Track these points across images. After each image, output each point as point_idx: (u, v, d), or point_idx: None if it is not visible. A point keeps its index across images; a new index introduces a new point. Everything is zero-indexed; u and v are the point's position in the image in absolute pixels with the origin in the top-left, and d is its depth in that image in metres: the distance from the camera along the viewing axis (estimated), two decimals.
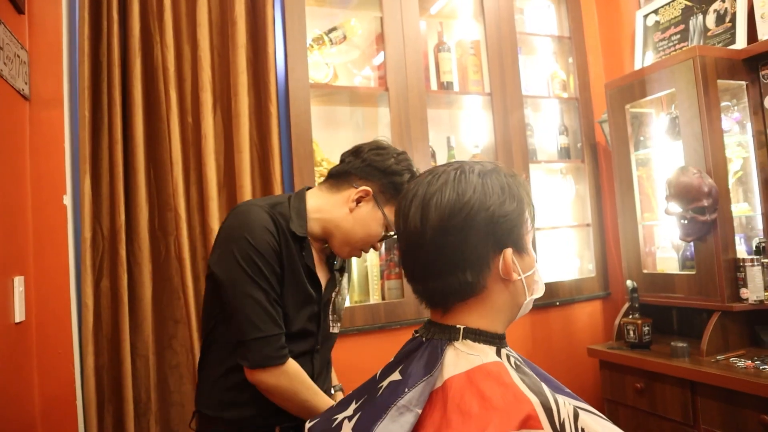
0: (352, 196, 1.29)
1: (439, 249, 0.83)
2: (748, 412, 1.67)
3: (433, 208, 0.83)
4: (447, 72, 2.48)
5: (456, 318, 0.86)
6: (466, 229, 0.81)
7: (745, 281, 1.91)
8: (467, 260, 0.82)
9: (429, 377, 0.80)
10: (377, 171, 1.30)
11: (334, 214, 1.31)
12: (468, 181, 0.84)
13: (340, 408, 0.93)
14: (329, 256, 1.38)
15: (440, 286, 0.84)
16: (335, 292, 1.39)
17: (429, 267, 0.85)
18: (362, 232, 1.29)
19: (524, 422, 0.71)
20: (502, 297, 0.86)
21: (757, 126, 2.06)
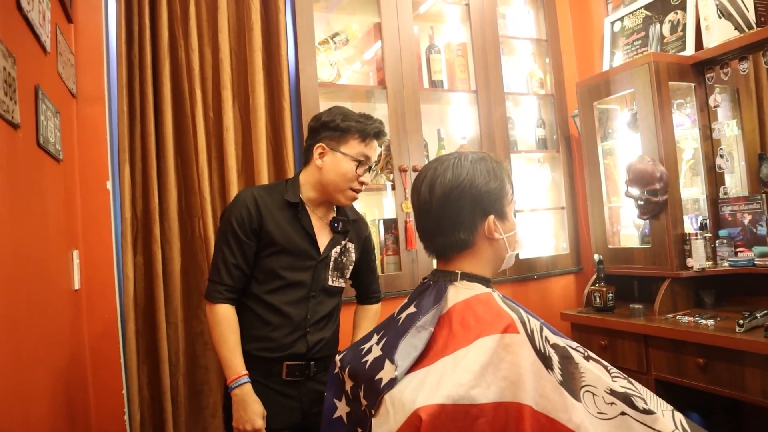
0: (315, 157, 1.66)
1: (442, 215, 1.16)
2: (688, 358, 2.02)
3: (438, 186, 1.17)
4: (437, 71, 2.79)
5: (455, 266, 1.19)
6: (461, 201, 1.15)
7: (691, 252, 2.26)
8: (462, 223, 1.16)
9: (438, 305, 1.13)
10: (318, 130, 1.67)
11: (315, 177, 1.66)
12: (462, 166, 1.18)
13: (365, 341, 1.25)
14: (332, 220, 1.72)
15: (443, 241, 1.18)
16: (338, 252, 1.72)
17: (435, 228, 1.18)
18: (337, 175, 1.63)
19: (506, 329, 1.03)
20: (488, 251, 1.19)
21: (703, 121, 2.40)
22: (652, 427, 1.04)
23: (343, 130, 1.63)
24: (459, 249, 1.18)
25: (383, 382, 1.05)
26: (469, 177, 1.15)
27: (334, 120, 1.64)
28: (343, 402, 1.23)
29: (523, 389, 0.98)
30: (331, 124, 1.64)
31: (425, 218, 1.19)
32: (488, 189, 1.16)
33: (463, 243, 1.17)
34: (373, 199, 2.76)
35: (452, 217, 1.15)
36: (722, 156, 2.38)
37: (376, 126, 1.67)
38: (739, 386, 1.87)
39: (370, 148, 1.66)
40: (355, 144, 1.64)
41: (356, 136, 1.64)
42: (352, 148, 1.63)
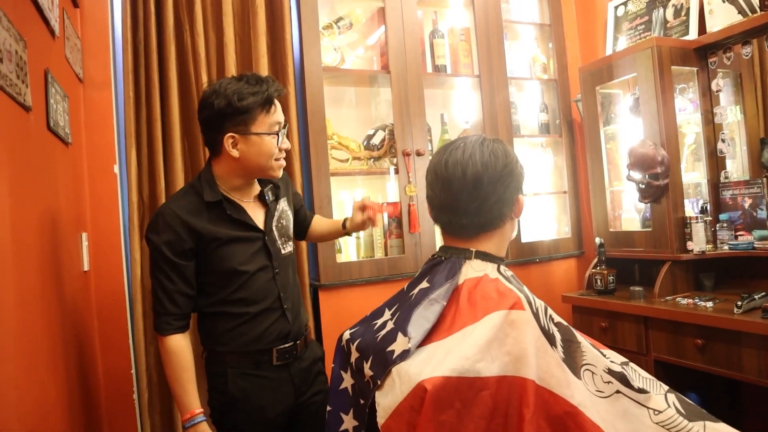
0: (229, 148, 1.50)
1: (490, 192, 1.15)
2: (686, 339, 2.05)
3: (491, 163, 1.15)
4: (441, 56, 2.80)
5: (472, 244, 1.21)
6: (509, 179, 1.17)
7: (692, 235, 2.29)
8: (507, 201, 1.18)
9: (452, 280, 1.15)
10: (216, 120, 1.49)
11: (234, 166, 1.54)
12: (501, 147, 1.20)
13: (375, 317, 1.28)
14: (260, 194, 1.64)
15: (483, 219, 1.17)
16: (275, 219, 1.65)
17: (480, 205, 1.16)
18: (260, 157, 1.52)
19: (512, 306, 1.06)
20: (509, 230, 1.23)
21: (705, 106, 2.42)
22: (645, 405, 1.07)
23: (245, 111, 1.48)
24: (493, 226, 1.19)
25: (395, 354, 1.08)
26: (510, 157, 1.18)
27: (231, 103, 1.47)
28: (348, 374, 1.27)
29: (527, 364, 1.01)
30: (229, 109, 1.47)
31: (469, 196, 1.16)
32: (521, 170, 1.21)
33: (500, 220, 1.19)
34: (377, 183, 2.79)
35: (501, 194, 1.16)
36: (724, 140, 2.40)
37: (271, 89, 1.52)
38: (737, 366, 1.91)
39: (276, 113, 1.54)
40: (263, 118, 1.50)
41: (259, 110, 1.49)
42: (262, 125, 1.50)
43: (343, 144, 2.59)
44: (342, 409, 1.25)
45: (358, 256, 2.63)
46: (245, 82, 1.50)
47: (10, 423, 1.09)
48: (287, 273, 1.67)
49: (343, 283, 2.43)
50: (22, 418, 1.16)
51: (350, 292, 2.45)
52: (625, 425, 1.05)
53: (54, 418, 1.42)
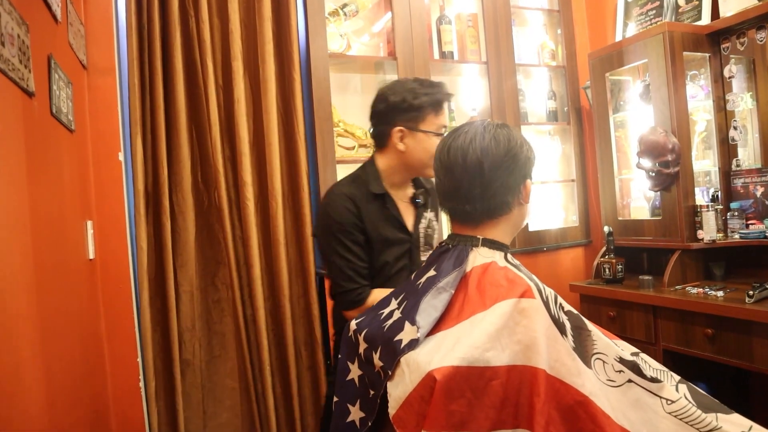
0: (396, 142, 1.63)
1: (494, 178, 1.14)
2: (696, 328, 2.03)
3: (492, 149, 1.14)
4: (448, 42, 2.77)
5: (479, 231, 1.19)
6: (512, 164, 1.16)
7: (702, 224, 2.26)
8: (511, 186, 1.16)
9: (460, 268, 1.14)
10: (388, 113, 1.62)
11: (398, 160, 1.65)
12: (505, 132, 1.18)
13: (382, 306, 1.27)
14: (412, 197, 1.73)
15: (486, 205, 1.16)
16: (424, 226, 1.74)
17: (483, 191, 1.15)
18: (423, 153, 1.62)
19: (523, 294, 1.04)
20: (518, 217, 1.21)
21: (717, 93, 2.38)
22: (658, 394, 1.06)
23: (417, 109, 1.60)
24: (499, 213, 1.17)
25: (403, 343, 1.06)
26: (519, 141, 1.17)
27: (405, 99, 1.60)
28: (356, 365, 1.26)
29: (538, 353, 0.99)
30: (403, 104, 1.60)
31: (470, 182, 1.16)
32: (528, 154, 1.19)
33: (506, 206, 1.17)
34: None
35: (504, 180, 1.15)
36: (736, 128, 2.36)
37: (443, 93, 1.65)
38: (748, 356, 1.88)
39: (443, 116, 1.65)
40: (432, 118, 1.62)
41: (430, 110, 1.61)
42: (430, 124, 1.61)
43: (349, 131, 2.57)
44: (349, 401, 1.24)
45: None
46: (420, 83, 1.63)
47: (17, 410, 1.08)
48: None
49: None
50: (28, 405, 1.16)
51: None
52: (637, 414, 1.04)
53: (61, 405, 1.41)
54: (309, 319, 2.39)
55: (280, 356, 2.36)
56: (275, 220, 2.33)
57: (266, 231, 2.38)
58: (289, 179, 2.42)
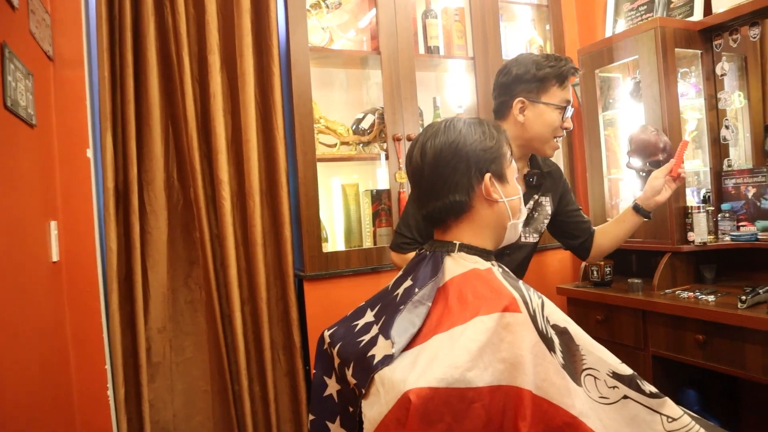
0: (515, 113, 1.63)
1: (435, 177, 1.10)
2: (687, 334, 1.97)
3: (429, 148, 1.11)
4: (434, 37, 2.68)
5: (453, 235, 1.13)
6: (455, 160, 1.09)
7: (692, 226, 2.19)
8: (456, 184, 1.09)
9: (435, 278, 1.06)
10: (511, 85, 1.63)
11: (516, 132, 1.64)
12: (455, 128, 1.13)
13: (357, 316, 1.18)
14: (527, 174, 1.72)
15: (438, 206, 1.11)
16: (530, 206, 1.75)
17: (429, 192, 1.12)
18: (543, 127, 1.62)
19: (506, 307, 0.96)
20: (488, 215, 1.12)
21: (709, 90, 2.32)
22: (659, 411, 0.98)
23: (540, 80, 1.59)
24: (456, 213, 1.12)
25: (376, 359, 0.98)
26: (462, 135, 1.10)
27: (529, 71, 1.60)
28: (333, 379, 1.17)
29: (523, 372, 0.92)
30: (526, 75, 1.60)
31: (419, 184, 1.14)
32: (483, 147, 1.11)
33: (459, 206, 1.11)
34: (366, 169, 2.68)
35: (446, 178, 1.09)
36: (728, 127, 2.30)
37: (570, 66, 1.62)
38: (740, 364, 1.82)
39: (568, 91, 1.63)
40: (555, 90, 1.60)
41: (554, 82, 1.60)
42: (553, 96, 1.60)
43: (330, 128, 2.48)
44: (328, 418, 1.16)
45: (345, 245, 2.52)
46: (545, 57, 1.63)
47: None
48: (517, 259, 1.74)
49: (329, 274, 2.32)
50: None
51: (337, 283, 2.35)
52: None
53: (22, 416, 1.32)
54: (287, 323, 2.30)
55: (258, 360, 2.28)
56: (252, 219, 2.24)
57: (244, 231, 2.29)
58: (268, 177, 2.33)
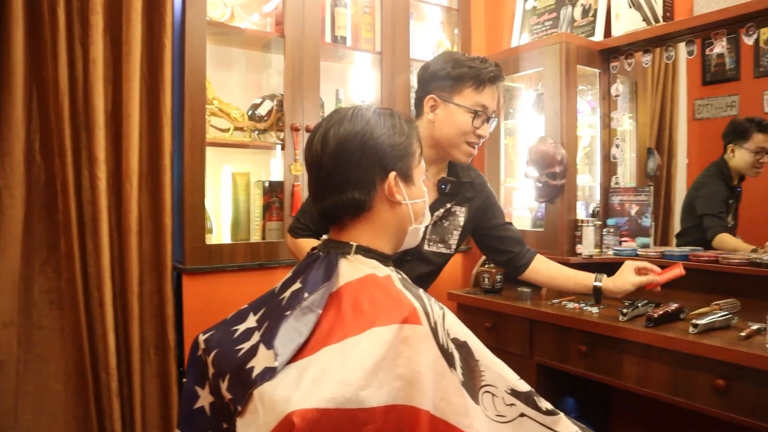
0: (426, 110, 1.56)
1: (335, 170, 0.99)
2: (571, 344, 2.01)
3: (332, 136, 0.99)
4: (342, 27, 2.58)
5: (350, 235, 1.02)
6: (358, 154, 0.98)
7: (581, 239, 2.26)
8: (358, 180, 0.99)
9: (328, 283, 0.95)
10: (428, 80, 1.56)
11: (428, 132, 1.55)
12: (363, 117, 1.02)
13: (237, 320, 1.05)
14: (440, 180, 1.60)
15: (335, 201, 1.00)
16: (439, 214, 1.64)
17: (327, 186, 1.01)
18: (451, 128, 1.53)
19: (406, 319, 0.88)
20: (389, 217, 1.03)
21: (604, 109, 2.40)
22: (552, 429, 0.94)
23: (455, 79, 1.52)
24: (354, 212, 1.01)
25: (255, 372, 0.86)
26: (370, 127, 1.00)
27: (444, 68, 1.52)
28: (206, 390, 1.03)
29: (421, 391, 0.83)
30: (441, 72, 1.53)
31: (316, 175, 1.03)
32: (391, 143, 1.01)
33: (358, 205, 1.00)
34: (260, 158, 2.52)
35: (346, 172, 0.99)
36: (617, 146, 2.40)
37: (491, 70, 1.53)
38: (617, 374, 1.88)
39: (486, 96, 1.54)
40: (470, 93, 1.52)
41: (470, 83, 1.51)
42: (466, 98, 1.52)
43: (224, 111, 2.30)
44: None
45: (232, 238, 2.35)
46: (469, 57, 1.55)
47: None
48: (417, 269, 1.63)
49: (212, 268, 2.15)
50: None
51: (220, 278, 2.18)
52: None
53: None
54: (162, 319, 2.10)
55: (126, 359, 2.05)
56: (128, 204, 2.01)
57: (118, 216, 2.05)
58: (150, 159, 2.11)
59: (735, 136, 2.24)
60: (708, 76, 2.44)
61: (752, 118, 2.22)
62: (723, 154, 2.27)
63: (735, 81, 2.38)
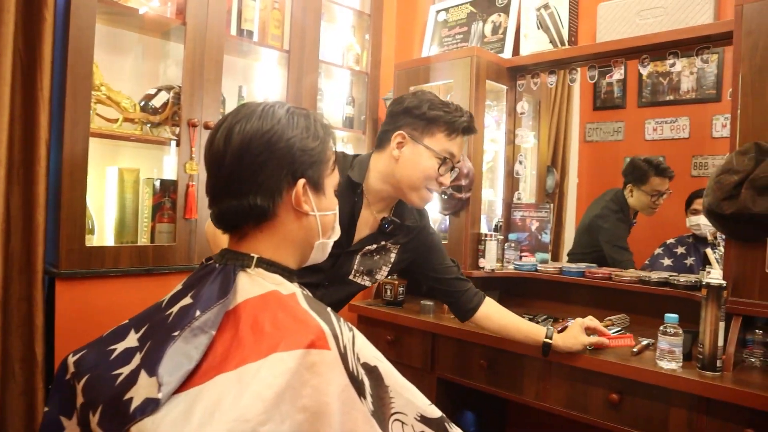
0: (393, 146, 1.47)
1: (237, 171, 0.88)
2: (473, 359, 2.01)
3: (236, 133, 0.89)
4: (249, 20, 2.43)
5: (250, 245, 0.91)
6: (264, 155, 0.88)
7: (484, 253, 2.27)
8: (261, 184, 0.89)
9: (224, 300, 0.83)
10: (401, 115, 1.48)
11: (388, 168, 1.49)
12: (273, 115, 0.91)
13: (116, 338, 0.91)
14: (383, 219, 1.55)
15: (234, 206, 0.89)
16: (372, 249, 1.57)
17: (226, 187, 0.90)
18: (415, 170, 1.46)
19: (313, 343, 0.78)
20: (294, 229, 0.93)
21: (509, 126, 2.45)
22: None
23: (429, 120, 1.46)
24: (255, 220, 0.91)
25: (134, 404, 0.74)
26: (281, 127, 0.90)
27: (420, 106, 1.46)
28: (73, 421, 0.88)
29: (327, 424, 0.75)
30: (416, 110, 1.46)
31: (216, 174, 0.91)
32: (303, 147, 0.91)
33: (260, 212, 0.90)
34: (151, 154, 2.31)
35: (249, 174, 0.88)
36: (521, 162, 2.45)
37: (465, 120, 1.49)
38: (518, 389, 1.90)
39: (456, 145, 1.49)
40: (441, 138, 1.47)
41: (443, 128, 1.46)
42: (437, 142, 1.46)
43: (113, 99, 2.08)
44: None
45: (116, 240, 2.13)
46: (445, 103, 1.50)
47: None
48: (336, 295, 1.58)
49: (91, 273, 1.92)
50: None
51: (101, 285, 1.96)
52: None
53: None
54: (29, 330, 1.84)
55: None
56: None
57: None
58: (23, 147, 1.86)
59: (634, 178, 2.37)
60: (598, 102, 2.58)
61: (650, 160, 2.35)
62: (623, 189, 2.39)
63: (621, 109, 2.54)
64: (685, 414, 1.56)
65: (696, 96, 2.38)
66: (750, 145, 1.59)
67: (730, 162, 1.62)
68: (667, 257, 2.37)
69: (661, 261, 2.34)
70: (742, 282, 1.64)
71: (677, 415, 1.57)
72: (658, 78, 2.44)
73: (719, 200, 1.60)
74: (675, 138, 2.41)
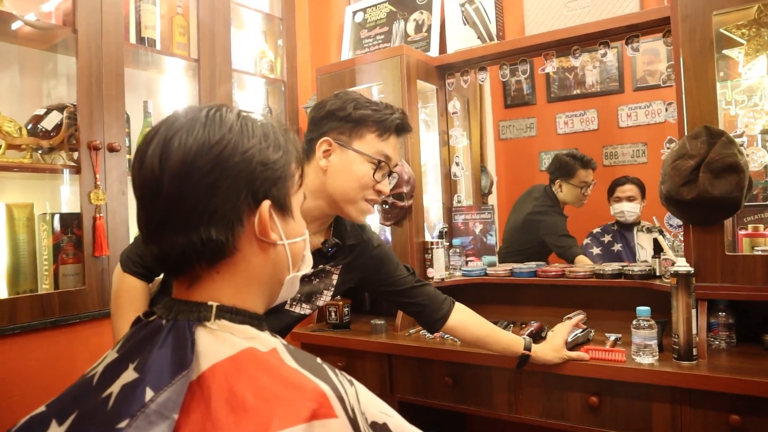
0: (319, 155, 1.29)
1: (180, 197, 0.67)
2: (435, 377, 1.87)
3: (175, 148, 0.67)
4: (150, 27, 2.17)
5: (205, 292, 0.70)
6: (215, 174, 0.67)
7: (432, 262, 2.15)
8: (214, 212, 0.68)
9: (186, 372, 0.62)
10: (324, 120, 1.31)
11: (318, 181, 1.30)
12: (224, 121, 0.70)
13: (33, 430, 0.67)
14: (324, 243, 1.38)
15: (180, 244, 0.68)
16: (311, 274, 1.40)
17: (166, 220, 0.68)
18: (349, 181, 1.29)
19: (315, 412, 0.60)
20: (260, 264, 0.73)
21: (442, 126, 2.35)
22: None
23: (356, 121, 1.29)
24: (210, 259, 0.69)
25: None
26: (233, 136, 0.69)
27: (344, 107, 1.30)
28: None
29: None
30: (340, 112, 1.29)
31: (151, 205, 0.69)
32: (264, 160, 0.71)
33: (215, 248, 0.69)
34: (46, 185, 2.00)
35: (197, 201, 0.67)
36: (458, 164, 2.36)
37: (397, 117, 1.33)
38: (488, 403, 1.78)
39: (390, 146, 1.33)
40: (372, 139, 1.30)
41: (373, 129, 1.30)
42: (368, 145, 1.30)
43: None
44: None
45: (10, 290, 1.79)
46: (372, 102, 1.33)
47: None
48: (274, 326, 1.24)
49: None
50: None
51: None
52: None
53: None
54: None
55: None
56: None
57: None
58: None
59: (562, 173, 2.40)
60: (509, 99, 2.58)
61: (574, 155, 2.39)
62: (551, 185, 2.39)
63: (532, 105, 2.54)
64: (668, 408, 1.51)
65: (601, 89, 2.43)
66: (700, 129, 1.58)
67: (683, 147, 1.59)
68: (595, 246, 2.38)
69: (590, 251, 2.35)
70: (704, 266, 1.62)
71: (660, 410, 1.52)
72: (564, 73, 2.46)
73: (678, 186, 1.57)
74: (585, 130, 2.45)
